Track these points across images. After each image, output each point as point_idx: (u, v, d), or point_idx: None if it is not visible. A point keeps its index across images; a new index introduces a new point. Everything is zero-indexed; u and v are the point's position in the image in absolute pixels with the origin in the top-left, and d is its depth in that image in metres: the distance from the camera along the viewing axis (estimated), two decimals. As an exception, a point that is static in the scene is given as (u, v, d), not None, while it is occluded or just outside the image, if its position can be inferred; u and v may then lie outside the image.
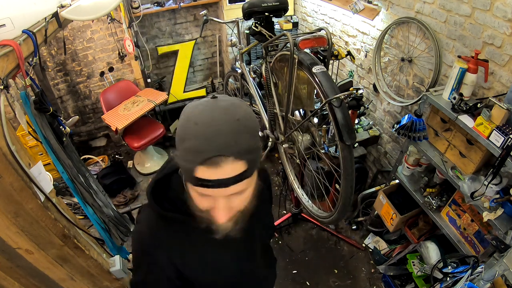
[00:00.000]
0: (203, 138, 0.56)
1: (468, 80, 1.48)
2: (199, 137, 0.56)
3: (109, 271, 1.35)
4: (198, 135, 0.56)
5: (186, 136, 0.58)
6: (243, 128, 0.59)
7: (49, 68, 3.35)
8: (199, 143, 0.56)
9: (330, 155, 2.22)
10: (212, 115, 0.58)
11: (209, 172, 0.57)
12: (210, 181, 0.58)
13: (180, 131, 0.60)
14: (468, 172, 1.61)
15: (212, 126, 0.57)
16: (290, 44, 1.33)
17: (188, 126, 0.58)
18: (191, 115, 0.59)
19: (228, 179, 0.58)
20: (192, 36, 3.76)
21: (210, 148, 0.56)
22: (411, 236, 2.10)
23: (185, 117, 0.60)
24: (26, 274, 1.09)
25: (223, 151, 0.56)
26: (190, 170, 0.58)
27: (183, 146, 0.58)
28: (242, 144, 0.58)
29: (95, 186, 1.69)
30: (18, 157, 0.89)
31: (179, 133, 0.60)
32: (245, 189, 0.64)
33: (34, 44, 1.17)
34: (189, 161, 0.58)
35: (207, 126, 0.57)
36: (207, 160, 0.56)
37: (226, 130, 0.57)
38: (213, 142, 0.56)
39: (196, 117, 0.58)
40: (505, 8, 1.39)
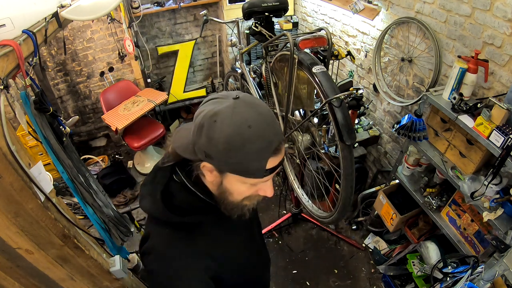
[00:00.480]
0: (264, 135, 0.63)
1: (468, 80, 1.48)
2: (260, 136, 0.62)
3: (109, 271, 1.35)
4: (258, 135, 0.62)
5: (245, 142, 0.61)
6: (272, 113, 0.68)
7: (49, 68, 3.35)
8: (264, 141, 0.63)
9: (330, 155, 2.22)
10: (256, 114, 0.64)
11: (275, 160, 0.66)
12: (275, 166, 0.67)
13: (235, 141, 0.61)
14: (468, 172, 1.61)
15: (263, 123, 0.63)
16: (290, 44, 1.33)
17: (242, 132, 0.61)
18: (236, 122, 0.62)
19: (283, 159, 0.69)
20: (192, 36, 3.77)
21: (273, 140, 0.64)
22: (411, 236, 2.10)
23: (230, 127, 0.61)
24: (26, 274, 1.09)
25: (280, 138, 0.66)
26: (261, 167, 0.65)
27: (244, 152, 0.62)
28: (279, 126, 0.70)
29: (95, 186, 1.69)
30: (18, 157, 0.89)
31: (233, 143, 0.61)
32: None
33: (34, 44, 1.17)
34: (258, 160, 0.64)
35: (261, 125, 0.63)
36: (275, 151, 0.65)
37: (271, 120, 0.66)
38: (273, 135, 0.64)
39: (245, 121, 0.62)
40: (505, 8, 1.39)
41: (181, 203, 0.74)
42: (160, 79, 3.86)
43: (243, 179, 0.68)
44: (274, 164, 0.66)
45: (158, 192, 0.74)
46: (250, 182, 0.68)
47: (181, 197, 0.75)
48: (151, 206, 0.75)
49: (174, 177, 0.76)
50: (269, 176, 0.68)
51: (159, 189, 0.75)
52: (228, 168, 0.66)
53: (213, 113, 0.63)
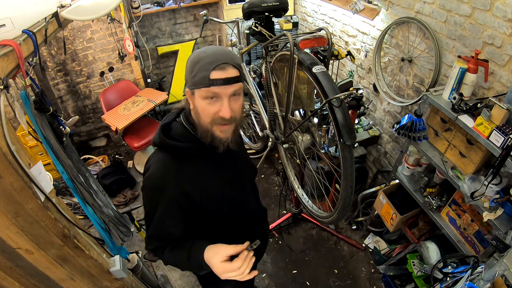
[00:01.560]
0: (213, 55, 0.87)
1: (468, 80, 1.48)
2: (210, 56, 0.87)
3: (109, 271, 1.35)
4: (208, 55, 0.87)
5: (199, 60, 0.87)
6: (232, 52, 0.94)
7: (49, 68, 3.35)
8: (211, 58, 0.86)
9: (330, 155, 2.22)
10: (213, 48, 0.91)
11: (219, 74, 0.86)
12: (220, 79, 0.86)
13: (192, 61, 0.89)
14: (468, 172, 1.61)
15: (216, 50, 0.90)
16: (290, 44, 1.32)
17: (199, 55, 0.88)
18: (198, 52, 0.90)
19: (230, 78, 0.88)
20: (192, 36, 3.77)
21: (219, 59, 0.86)
22: (411, 236, 2.10)
23: (194, 54, 0.91)
24: (26, 274, 1.09)
25: (227, 60, 0.87)
26: (206, 76, 0.86)
27: (198, 66, 0.87)
28: (235, 59, 0.90)
29: (95, 186, 1.69)
30: (18, 157, 0.89)
31: (192, 62, 0.89)
32: (239, 92, 0.93)
33: (34, 44, 1.17)
34: (205, 70, 0.86)
35: (213, 51, 0.90)
36: (217, 66, 0.85)
37: (225, 51, 0.91)
38: (220, 56, 0.87)
39: (202, 50, 0.90)
40: (505, 8, 1.39)
41: (175, 134, 0.99)
42: (160, 79, 3.86)
43: (200, 93, 0.89)
44: (217, 76, 0.86)
45: (161, 125, 1.01)
46: (205, 94, 0.88)
47: (176, 131, 1.00)
48: (154, 137, 1.01)
49: (176, 119, 1.03)
50: (217, 89, 0.87)
51: (162, 124, 1.02)
52: (191, 83, 0.89)
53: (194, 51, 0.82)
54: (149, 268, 2.41)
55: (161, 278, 2.34)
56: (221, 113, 0.90)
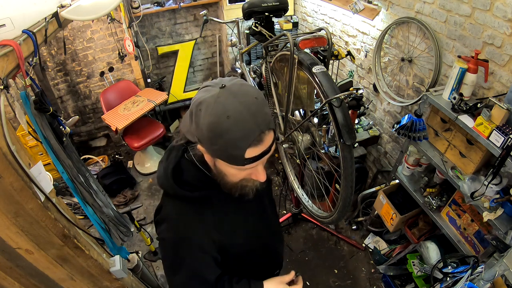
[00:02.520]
0: (243, 126, 0.65)
1: (468, 80, 1.48)
2: (239, 127, 0.64)
3: (109, 271, 1.35)
4: (237, 125, 0.64)
5: (223, 132, 0.65)
6: (262, 102, 0.70)
7: (49, 68, 3.35)
8: (242, 133, 0.65)
9: (330, 155, 2.22)
10: (237, 104, 0.65)
11: (256, 150, 0.68)
12: (257, 156, 0.69)
13: (214, 129, 0.65)
14: (468, 172, 1.61)
15: (244, 114, 0.65)
16: (290, 44, 1.33)
17: (222, 122, 0.64)
18: (216, 111, 0.65)
19: (269, 148, 0.71)
20: (192, 36, 3.77)
21: (253, 132, 0.66)
22: (411, 236, 2.10)
23: (211, 116, 0.65)
24: (26, 274, 1.09)
25: (262, 128, 0.67)
26: (239, 156, 0.68)
27: (223, 140, 0.66)
28: (268, 115, 0.69)
29: (95, 186, 1.69)
30: (18, 157, 0.89)
31: (213, 131, 0.66)
32: (274, 148, 0.74)
33: (34, 44, 1.17)
34: (236, 149, 0.67)
35: (240, 115, 0.65)
36: (254, 142, 0.66)
37: (255, 110, 0.66)
38: (252, 126, 0.65)
39: (224, 111, 0.65)
40: (505, 8, 1.39)
41: (189, 178, 0.82)
42: (160, 79, 3.86)
43: (231, 166, 0.72)
44: (255, 153, 0.68)
45: (170, 168, 0.82)
46: (243, 168, 0.71)
47: (190, 173, 0.83)
48: (163, 182, 0.83)
49: (185, 155, 0.84)
50: (253, 164, 0.71)
51: (171, 166, 0.82)
52: (214, 153, 0.72)
53: (199, 102, 0.68)
54: (149, 268, 2.41)
55: (161, 278, 2.34)
56: (255, 177, 0.78)
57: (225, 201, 0.86)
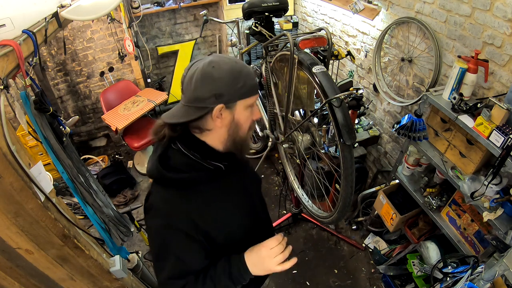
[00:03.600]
0: (246, 66, 0.86)
1: (468, 80, 1.48)
2: (245, 66, 0.86)
3: (109, 271, 1.35)
4: (244, 65, 0.86)
5: (241, 70, 0.82)
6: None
7: (49, 68, 3.35)
8: (247, 68, 0.85)
9: (330, 155, 2.22)
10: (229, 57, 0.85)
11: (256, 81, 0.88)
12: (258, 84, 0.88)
13: (234, 72, 0.81)
14: (468, 172, 1.60)
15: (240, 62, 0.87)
16: (290, 44, 1.33)
17: (235, 65, 0.82)
18: (227, 61, 0.82)
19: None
20: (192, 36, 3.77)
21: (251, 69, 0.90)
22: (411, 236, 2.10)
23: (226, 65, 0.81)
24: (26, 274, 1.09)
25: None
26: (256, 84, 0.87)
27: (243, 77, 0.82)
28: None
29: (95, 186, 1.69)
30: (18, 157, 0.89)
31: (234, 73, 0.81)
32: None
33: (34, 44, 1.17)
34: (251, 79, 0.85)
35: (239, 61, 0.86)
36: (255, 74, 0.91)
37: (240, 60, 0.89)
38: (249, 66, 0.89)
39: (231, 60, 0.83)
40: (505, 8, 1.39)
41: (176, 163, 0.88)
42: (160, 79, 3.86)
43: (247, 102, 0.85)
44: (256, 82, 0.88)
45: (157, 155, 0.88)
46: (251, 103, 0.86)
47: (176, 159, 0.88)
48: (150, 168, 0.89)
49: (172, 146, 0.90)
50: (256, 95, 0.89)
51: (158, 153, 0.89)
52: (238, 94, 0.83)
53: (207, 63, 0.80)
54: (149, 268, 2.41)
55: (161, 278, 2.34)
56: (255, 116, 0.91)
57: (212, 190, 0.91)
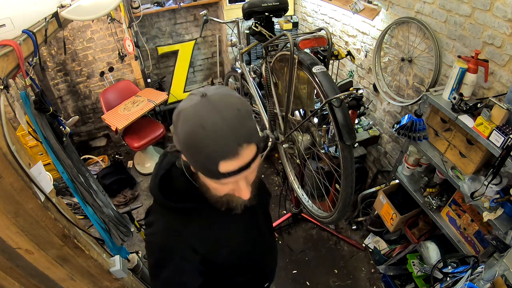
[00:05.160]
0: (218, 138, 0.60)
1: (468, 80, 1.48)
2: (213, 139, 0.60)
3: (109, 271, 1.35)
4: (211, 137, 0.60)
5: (198, 143, 0.61)
6: (244, 114, 0.64)
7: (49, 68, 3.35)
8: (216, 145, 0.60)
9: (330, 155, 2.22)
10: (215, 114, 0.61)
11: (232, 164, 0.63)
12: (234, 171, 0.64)
13: (189, 140, 0.62)
14: (468, 172, 1.61)
15: (220, 125, 0.60)
16: (290, 44, 1.32)
17: (196, 133, 0.61)
18: (193, 122, 0.61)
19: (248, 163, 0.65)
20: (192, 36, 3.77)
21: (227, 144, 0.61)
22: (411, 236, 2.10)
23: (187, 126, 0.62)
24: (26, 274, 1.09)
25: (240, 142, 0.62)
26: (214, 170, 0.63)
27: (197, 152, 0.62)
28: (249, 129, 0.64)
29: (95, 186, 1.69)
30: (18, 157, 0.89)
31: (188, 142, 0.63)
32: (257, 164, 0.70)
33: (34, 44, 1.17)
34: (210, 162, 0.63)
35: (216, 126, 0.60)
36: (228, 155, 0.61)
37: (234, 123, 0.61)
38: (227, 139, 0.60)
39: (199, 122, 0.61)
40: (505, 8, 1.39)
41: (178, 187, 0.80)
42: (160, 79, 3.86)
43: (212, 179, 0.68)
44: (231, 168, 0.63)
45: (159, 176, 0.80)
46: (221, 181, 0.67)
47: (178, 183, 0.80)
48: (152, 188, 0.82)
49: (177, 163, 0.81)
50: (230, 179, 0.66)
51: (161, 173, 0.81)
52: (193, 165, 0.70)
53: (179, 111, 0.65)
54: (149, 268, 2.41)
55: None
56: (237, 193, 0.73)
57: (212, 214, 0.81)
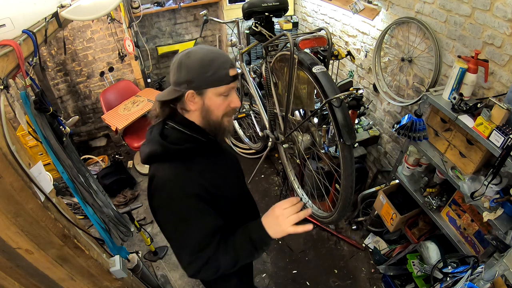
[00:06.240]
0: (222, 55, 0.93)
1: (468, 80, 1.48)
2: (220, 56, 0.93)
3: (109, 271, 1.35)
4: (218, 55, 0.93)
5: (212, 59, 0.91)
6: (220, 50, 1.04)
7: (49, 68, 3.35)
8: (223, 58, 0.93)
9: (330, 155, 2.22)
10: (210, 48, 0.95)
11: (233, 71, 0.94)
12: (235, 75, 0.95)
13: (203, 61, 0.90)
14: (468, 172, 1.61)
15: (218, 50, 0.96)
16: (290, 44, 1.33)
17: (208, 54, 0.91)
18: (202, 51, 0.92)
19: (237, 74, 0.97)
20: (192, 36, 3.77)
21: (227, 59, 0.94)
22: (411, 236, 2.10)
23: (199, 55, 0.91)
24: (26, 274, 1.09)
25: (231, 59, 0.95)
26: (226, 74, 0.92)
27: (213, 66, 0.90)
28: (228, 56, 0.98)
29: (95, 186, 1.69)
30: (18, 157, 0.89)
31: (203, 63, 0.90)
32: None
33: (34, 44, 1.17)
34: (223, 69, 0.92)
35: (216, 50, 0.95)
36: (230, 64, 0.93)
37: (222, 51, 0.99)
38: (226, 56, 0.94)
39: (206, 50, 0.93)
40: (505, 8, 1.39)
41: (174, 139, 0.97)
42: (160, 79, 3.86)
43: (217, 90, 0.93)
44: (233, 73, 0.94)
45: (157, 135, 0.97)
46: (223, 91, 0.93)
47: (174, 136, 0.98)
48: (151, 148, 0.97)
49: (166, 126, 1.00)
50: (234, 84, 0.95)
51: (157, 133, 0.98)
52: (206, 82, 0.91)
53: (186, 52, 0.93)
54: (149, 268, 2.41)
55: (161, 278, 2.34)
56: (233, 104, 0.97)
57: (208, 160, 1.02)
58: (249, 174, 3.17)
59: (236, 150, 3.56)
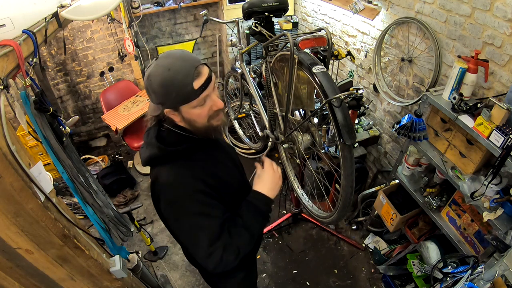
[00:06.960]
0: (180, 69, 0.87)
1: (468, 80, 1.48)
2: (178, 71, 0.86)
3: (109, 271, 1.35)
4: (176, 71, 0.86)
5: (171, 80, 0.86)
6: (185, 51, 0.95)
7: (49, 68, 3.35)
8: (183, 73, 0.87)
9: (330, 155, 2.22)
10: (169, 60, 0.88)
11: (199, 80, 0.89)
12: (203, 84, 0.89)
13: (164, 82, 0.87)
14: (468, 172, 1.61)
15: (176, 62, 0.88)
16: (290, 44, 1.32)
17: (167, 75, 0.86)
18: (160, 72, 0.87)
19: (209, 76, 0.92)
20: (192, 36, 3.77)
21: (189, 69, 0.87)
22: (411, 236, 2.10)
23: (158, 77, 0.87)
24: (26, 274, 1.09)
25: (195, 65, 0.89)
26: (191, 90, 0.88)
27: (174, 86, 0.87)
28: (194, 56, 0.93)
29: (95, 186, 1.69)
30: (18, 157, 0.89)
31: (164, 84, 0.87)
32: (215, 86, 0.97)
33: (34, 44, 1.17)
34: (186, 86, 0.87)
35: (175, 64, 0.87)
36: (193, 76, 0.87)
37: (183, 57, 0.90)
38: (186, 66, 0.87)
39: (164, 68, 0.87)
40: (505, 8, 1.39)
41: (171, 141, 0.99)
42: (160, 79, 3.86)
43: (190, 105, 0.91)
44: (200, 83, 0.89)
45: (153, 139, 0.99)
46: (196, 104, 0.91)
47: (170, 138, 1.00)
48: (151, 152, 0.99)
49: (162, 129, 1.02)
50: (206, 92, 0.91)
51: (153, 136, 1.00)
52: (174, 103, 0.91)
53: (147, 76, 0.90)
54: (149, 268, 2.41)
55: (161, 278, 2.34)
56: (215, 107, 0.96)
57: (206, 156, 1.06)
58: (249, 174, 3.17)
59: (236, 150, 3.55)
